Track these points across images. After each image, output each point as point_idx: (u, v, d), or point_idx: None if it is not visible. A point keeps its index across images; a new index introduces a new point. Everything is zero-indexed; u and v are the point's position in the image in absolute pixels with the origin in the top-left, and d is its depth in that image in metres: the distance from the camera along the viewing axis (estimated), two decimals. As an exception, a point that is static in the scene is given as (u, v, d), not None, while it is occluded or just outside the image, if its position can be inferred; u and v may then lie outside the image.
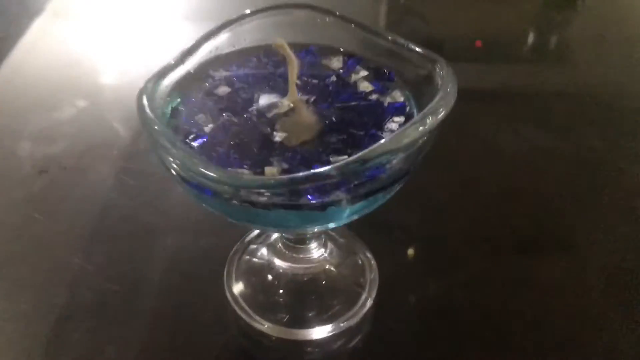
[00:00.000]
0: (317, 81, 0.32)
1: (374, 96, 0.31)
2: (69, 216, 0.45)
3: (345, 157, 0.27)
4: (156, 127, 0.25)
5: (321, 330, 0.36)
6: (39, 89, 0.60)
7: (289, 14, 0.34)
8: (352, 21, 0.32)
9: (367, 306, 0.37)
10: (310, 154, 0.27)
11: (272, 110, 0.30)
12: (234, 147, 0.28)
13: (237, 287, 0.38)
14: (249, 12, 0.34)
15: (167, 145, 0.24)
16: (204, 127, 0.29)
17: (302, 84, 0.32)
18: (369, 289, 0.37)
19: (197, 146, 0.28)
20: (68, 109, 0.57)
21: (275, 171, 0.26)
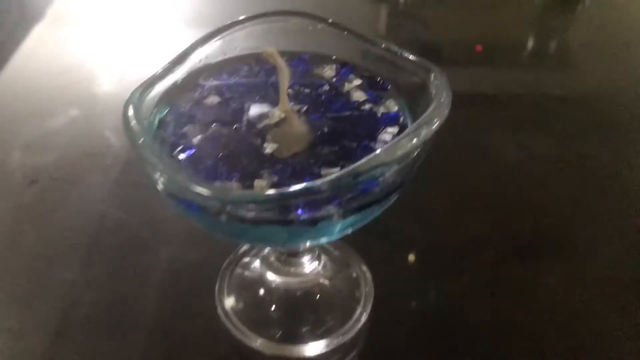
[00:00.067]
0: (309, 90, 0.32)
1: (367, 106, 0.30)
2: (59, 228, 0.44)
3: (337, 169, 0.26)
4: (141, 141, 0.24)
5: (315, 346, 0.35)
6: (32, 97, 0.59)
7: (281, 21, 0.33)
8: (345, 29, 0.32)
9: (362, 321, 0.36)
10: (302, 166, 0.27)
11: (263, 120, 0.29)
12: (222, 160, 0.27)
13: (229, 302, 0.37)
14: (240, 19, 0.33)
15: (152, 160, 0.23)
16: (192, 138, 0.28)
17: (294, 93, 0.31)
18: (364, 303, 0.37)
19: (184, 159, 0.27)
20: (61, 117, 0.56)
21: (265, 184, 0.25)
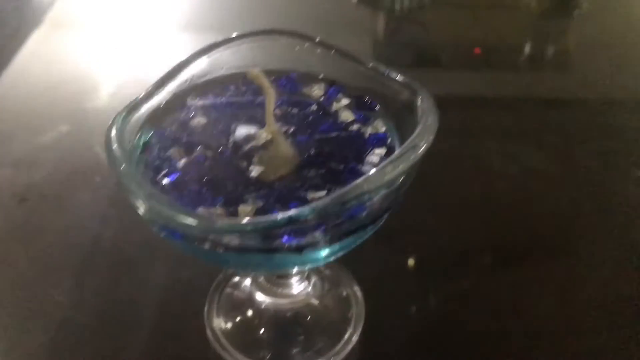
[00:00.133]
0: (297, 110, 0.31)
1: (355, 126, 0.30)
2: (48, 248, 0.43)
3: (324, 193, 0.26)
4: (122, 167, 0.24)
5: (305, 368, 0.34)
6: (22, 112, 0.59)
7: (268, 39, 0.33)
8: (332, 47, 0.31)
9: (353, 342, 0.35)
10: (288, 190, 0.26)
11: (250, 142, 0.29)
12: (207, 184, 0.26)
13: (218, 323, 0.36)
14: (226, 38, 0.32)
15: (132, 188, 0.23)
16: (176, 162, 0.28)
17: (281, 113, 0.31)
18: (355, 323, 0.36)
19: (168, 183, 0.26)
20: (51, 133, 0.56)
21: (250, 209, 0.25)
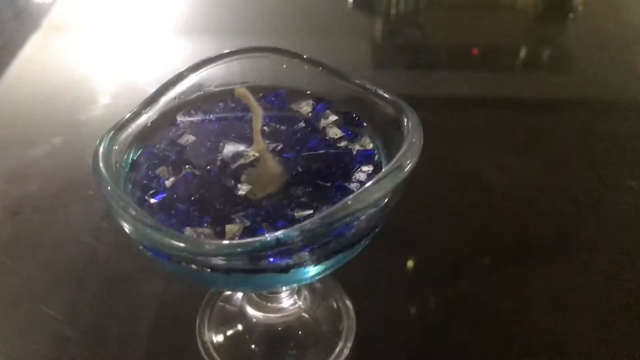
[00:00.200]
0: (285, 127, 0.31)
1: (342, 143, 0.30)
2: (40, 261, 0.44)
3: (311, 212, 0.26)
4: (109, 189, 0.24)
5: (296, 382, 0.34)
6: (15, 124, 0.59)
7: (256, 57, 0.33)
8: (320, 64, 0.31)
9: (344, 355, 0.35)
10: (275, 208, 0.26)
11: (238, 160, 0.29)
12: (194, 203, 0.26)
13: (210, 337, 0.36)
14: (215, 56, 0.33)
15: (119, 210, 0.23)
16: (164, 181, 0.28)
17: (269, 130, 0.31)
18: (346, 336, 0.36)
19: (155, 203, 0.27)
20: (43, 145, 0.56)
21: (237, 229, 0.25)
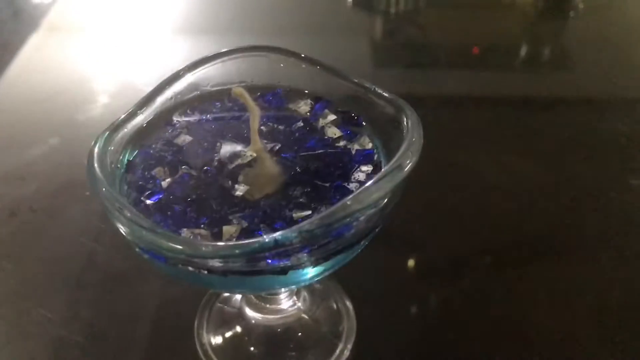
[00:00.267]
0: (283, 127, 0.31)
1: (341, 143, 0.30)
2: (37, 263, 0.43)
3: (309, 212, 0.25)
4: (104, 190, 0.24)
5: (296, 384, 0.34)
6: (12, 124, 0.59)
7: (253, 56, 0.33)
8: (318, 63, 0.31)
9: (344, 356, 0.35)
10: (273, 209, 0.26)
11: (235, 160, 0.29)
12: (191, 204, 0.26)
13: (208, 339, 0.36)
14: (211, 55, 0.32)
15: (114, 212, 0.22)
16: (160, 181, 0.27)
17: (267, 130, 0.31)
18: (346, 338, 0.36)
19: (151, 204, 0.26)
20: (41, 146, 0.55)
21: (234, 231, 0.25)
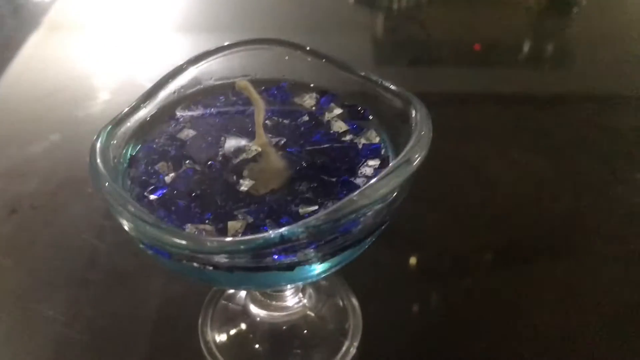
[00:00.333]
0: (288, 121, 0.30)
1: (347, 137, 0.29)
2: (38, 261, 0.43)
3: (316, 208, 0.25)
4: (107, 185, 0.23)
5: (301, 383, 0.34)
6: (13, 121, 0.58)
7: (257, 49, 0.32)
8: (323, 56, 0.31)
9: (351, 354, 0.35)
10: (279, 204, 0.25)
11: (239, 155, 0.28)
12: (195, 199, 0.26)
13: (213, 336, 0.36)
14: (215, 48, 0.32)
15: (117, 207, 0.22)
16: (164, 176, 0.27)
17: (272, 124, 0.30)
18: (352, 336, 0.35)
19: (155, 199, 0.26)
20: (42, 142, 0.55)
21: (239, 226, 0.24)
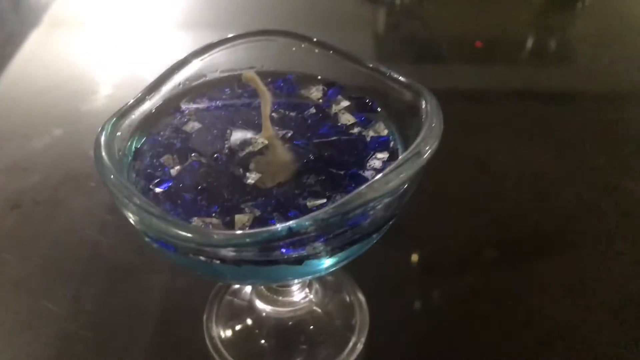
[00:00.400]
0: (295, 113, 0.30)
1: (355, 129, 0.29)
2: (41, 256, 0.42)
3: (324, 201, 0.24)
4: (112, 177, 0.23)
5: (308, 379, 0.33)
6: (15, 116, 0.58)
7: (263, 40, 0.32)
8: (331, 48, 0.30)
9: (357, 350, 0.34)
10: (286, 198, 0.25)
11: (246, 148, 0.28)
12: (201, 193, 0.25)
13: (218, 332, 0.35)
14: (220, 40, 0.31)
15: (123, 199, 0.22)
16: (169, 169, 0.26)
17: (278, 117, 0.30)
18: (359, 331, 0.35)
19: (161, 192, 0.25)
20: (44, 137, 0.54)
21: (247, 219, 0.24)
